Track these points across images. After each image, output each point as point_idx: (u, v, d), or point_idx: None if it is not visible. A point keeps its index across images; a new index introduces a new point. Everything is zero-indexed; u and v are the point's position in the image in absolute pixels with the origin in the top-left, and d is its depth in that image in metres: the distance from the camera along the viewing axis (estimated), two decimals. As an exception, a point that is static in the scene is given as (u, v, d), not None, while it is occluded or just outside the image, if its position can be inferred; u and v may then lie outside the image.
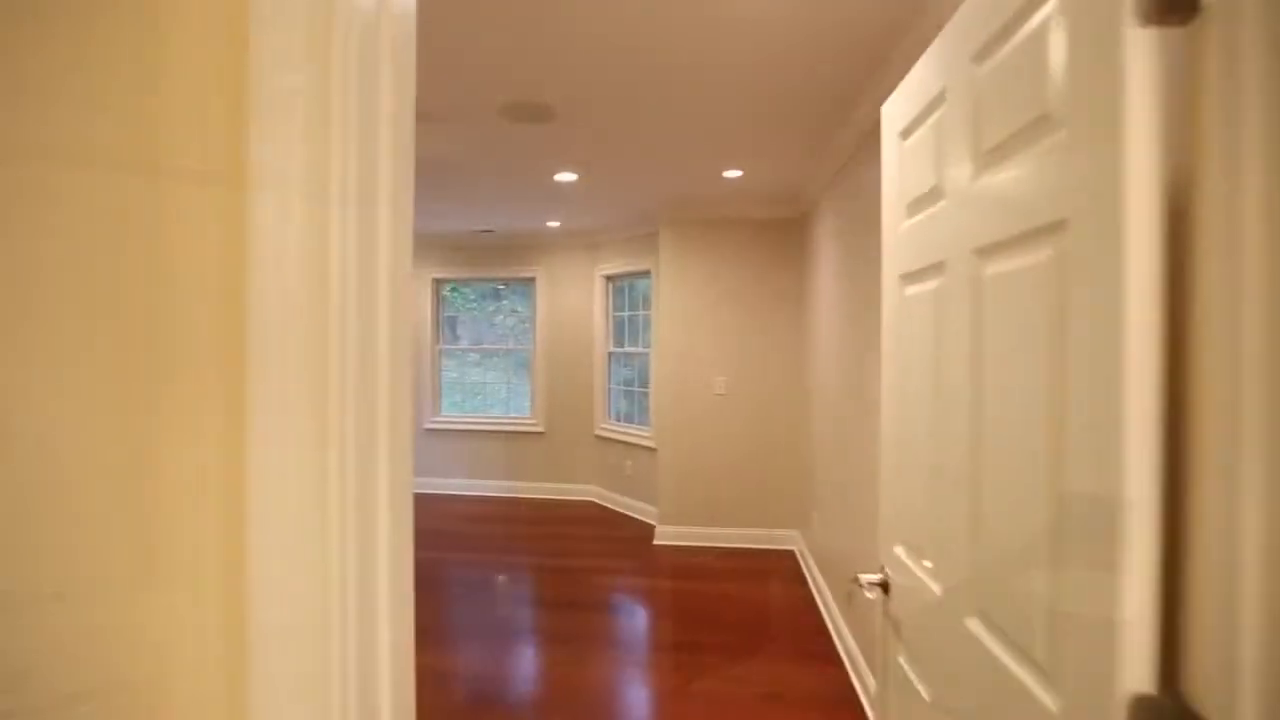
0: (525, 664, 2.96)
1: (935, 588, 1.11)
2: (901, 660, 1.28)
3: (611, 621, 3.38)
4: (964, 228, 1.01)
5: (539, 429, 5.88)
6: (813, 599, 3.59)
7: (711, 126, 2.86)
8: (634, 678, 2.83)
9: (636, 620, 3.44)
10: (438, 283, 6.09)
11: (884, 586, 1.35)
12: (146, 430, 0.59)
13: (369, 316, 0.61)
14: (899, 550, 1.31)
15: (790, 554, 4.32)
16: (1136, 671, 0.61)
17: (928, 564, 1.18)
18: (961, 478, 1.00)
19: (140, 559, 0.59)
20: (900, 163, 1.34)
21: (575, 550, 4.44)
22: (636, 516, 5.18)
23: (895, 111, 1.37)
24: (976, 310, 0.96)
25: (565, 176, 3.71)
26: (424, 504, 5.58)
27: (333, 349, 0.57)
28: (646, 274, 5.20)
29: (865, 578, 1.37)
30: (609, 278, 5.62)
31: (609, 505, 5.54)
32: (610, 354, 5.64)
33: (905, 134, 1.30)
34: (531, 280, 5.94)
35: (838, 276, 3.23)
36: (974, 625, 0.95)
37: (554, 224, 5.27)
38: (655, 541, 4.55)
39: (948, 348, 1.07)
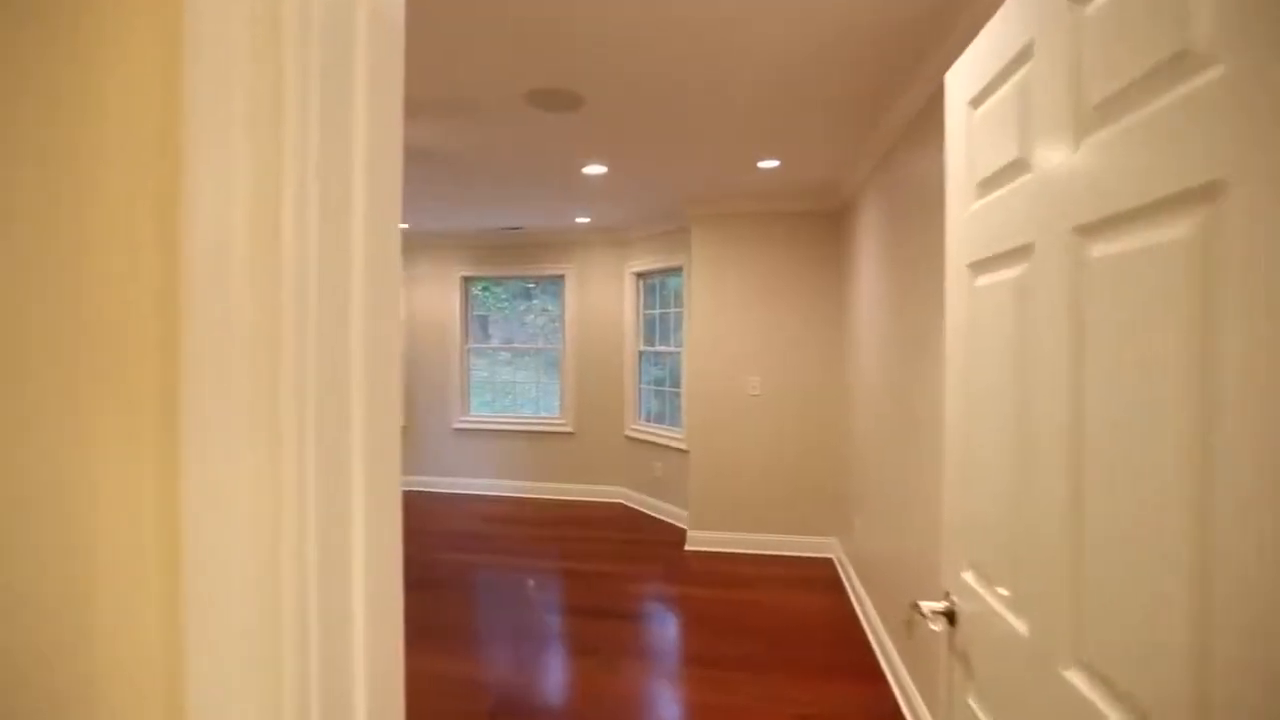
0: (550, 673, 2.85)
1: (1018, 624, 0.95)
2: (971, 702, 1.12)
3: (640, 630, 3.26)
4: (1059, 203, 0.85)
5: (568, 429, 5.79)
6: (853, 610, 3.41)
7: (748, 113, 2.71)
8: (662, 691, 2.70)
9: (666, 629, 3.31)
10: (466, 281, 6.05)
11: (949, 616, 1.20)
12: (59, 438, 0.48)
13: (337, 306, 0.49)
14: (968, 576, 1.15)
15: (828, 561, 4.14)
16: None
17: (1003, 591, 1.03)
18: (1056, 498, 0.85)
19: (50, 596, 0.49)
20: (969, 136, 1.18)
21: (603, 554, 4.33)
22: (667, 520, 5.05)
23: (963, 78, 1.21)
24: (1076, 299, 0.81)
25: (594, 169, 3.59)
26: (451, 504, 5.54)
27: (287, 342, 0.45)
28: (678, 271, 5.06)
29: (928, 605, 1.21)
30: (639, 275, 5.50)
31: (638, 508, 5.42)
32: (641, 353, 5.52)
33: (976, 102, 1.14)
34: (561, 278, 5.85)
35: (881, 270, 3.04)
36: (1075, 678, 0.79)
37: (583, 220, 5.16)
38: (686, 547, 4.41)
39: (1035, 344, 0.91)
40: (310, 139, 0.47)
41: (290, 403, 0.45)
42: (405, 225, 5.45)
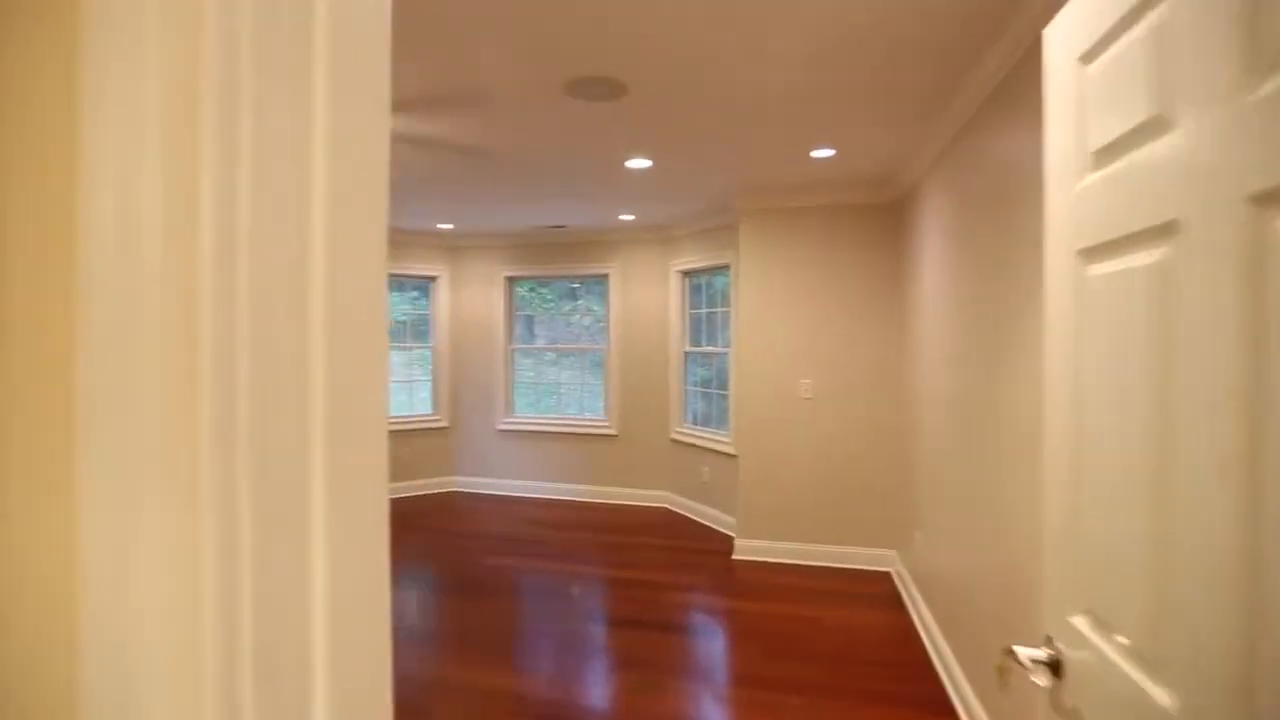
0: (591, 689, 2.74)
1: (1157, 692, 0.77)
2: (1085, 774, 0.94)
3: (685, 645, 3.11)
4: (1224, 167, 0.67)
5: (612, 431, 5.68)
6: (915, 630, 3.17)
7: (803, 98, 2.53)
8: (708, 714, 2.54)
9: (713, 645, 3.15)
10: (510, 280, 6.02)
11: (1054, 667, 1.01)
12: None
13: (284, 306, 0.37)
14: (1079, 621, 0.96)
15: (886, 576, 3.90)
16: None
17: (1123, 640, 0.85)
18: (1221, 536, 0.66)
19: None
20: (1078, 99, 1.00)
21: (647, 561, 4.19)
22: (714, 527, 4.88)
23: (1069, 31, 1.02)
24: (1252, 287, 0.63)
25: (638, 163, 3.47)
26: (495, 506, 5.51)
27: (205, 347, 0.33)
28: (725, 269, 4.89)
29: (1027, 653, 1.03)
30: (685, 273, 5.35)
31: (684, 513, 5.27)
32: (687, 354, 5.37)
33: (1090, 56, 0.96)
34: (605, 277, 5.75)
35: (949, 263, 2.81)
36: (1255, 781, 0.61)
37: (627, 217, 5.05)
38: (734, 556, 4.23)
39: (1185, 346, 0.73)
40: (242, 117, 0.35)
41: (211, 420, 0.33)
42: (449, 226, 5.45)
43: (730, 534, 4.64)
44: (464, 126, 2.90)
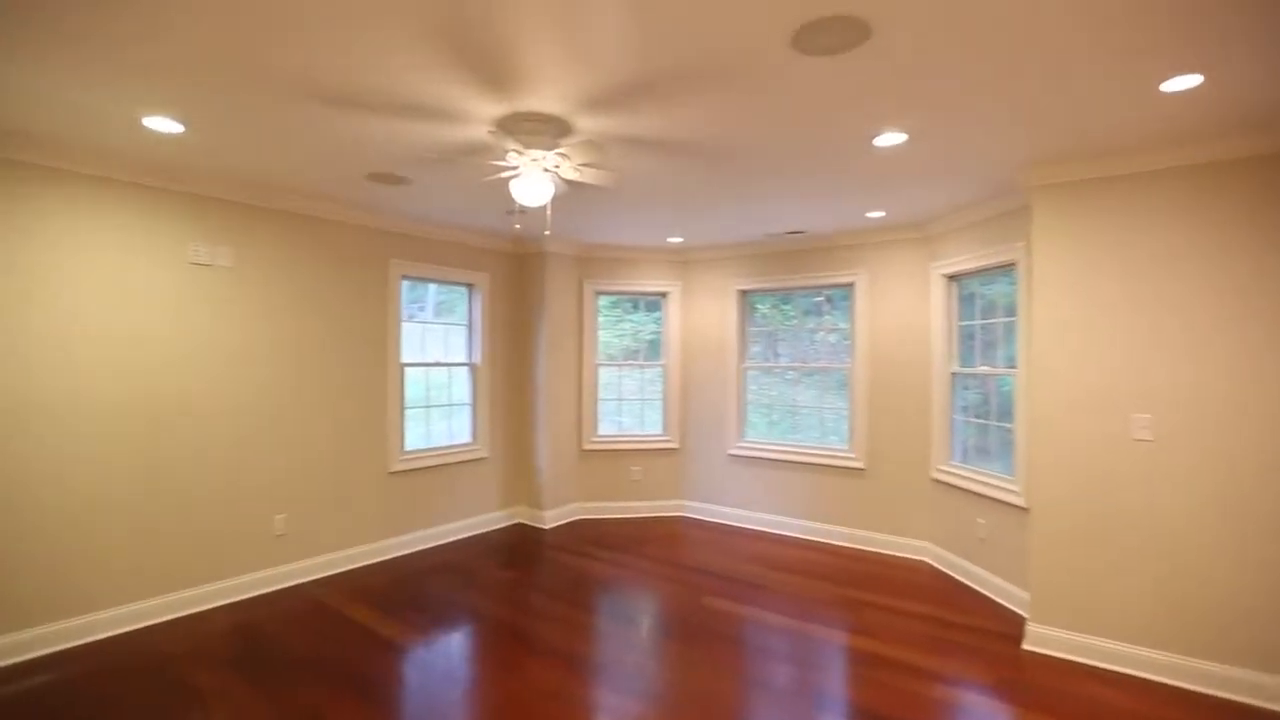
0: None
1: None
2: None
3: (958, 769, 2.30)
4: None
5: (858, 464, 4.88)
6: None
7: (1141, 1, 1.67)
8: None
9: (1001, 778, 2.28)
10: (743, 294, 5.60)
11: None
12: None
13: None
14: None
15: (1298, 720, 2.54)
16: None
17: None
18: None
19: None
20: None
21: (901, 632, 3.36)
22: (993, 597, 3.81)
23: None
24: None
25: (888, 139, 2.79)
26: (724, 538, 5.09)
27: None
28: (1008, 268, 3.84)
29: None
30: (951, 277, 4.38)
31: (951, 573, 4.25)
32: (954, 375, 4.37)
33: None
34: (849, 286, 5.01)
35: None
36: None
37: (875, 214, 4.29)
38: (1025, 645, 3.18)
39: None
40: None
41: None
42: (679, 239, 5.24)
43: (1018, 611, 3.56)
44: (682, 118, 2.57)
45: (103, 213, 3.23)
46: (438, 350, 5.11)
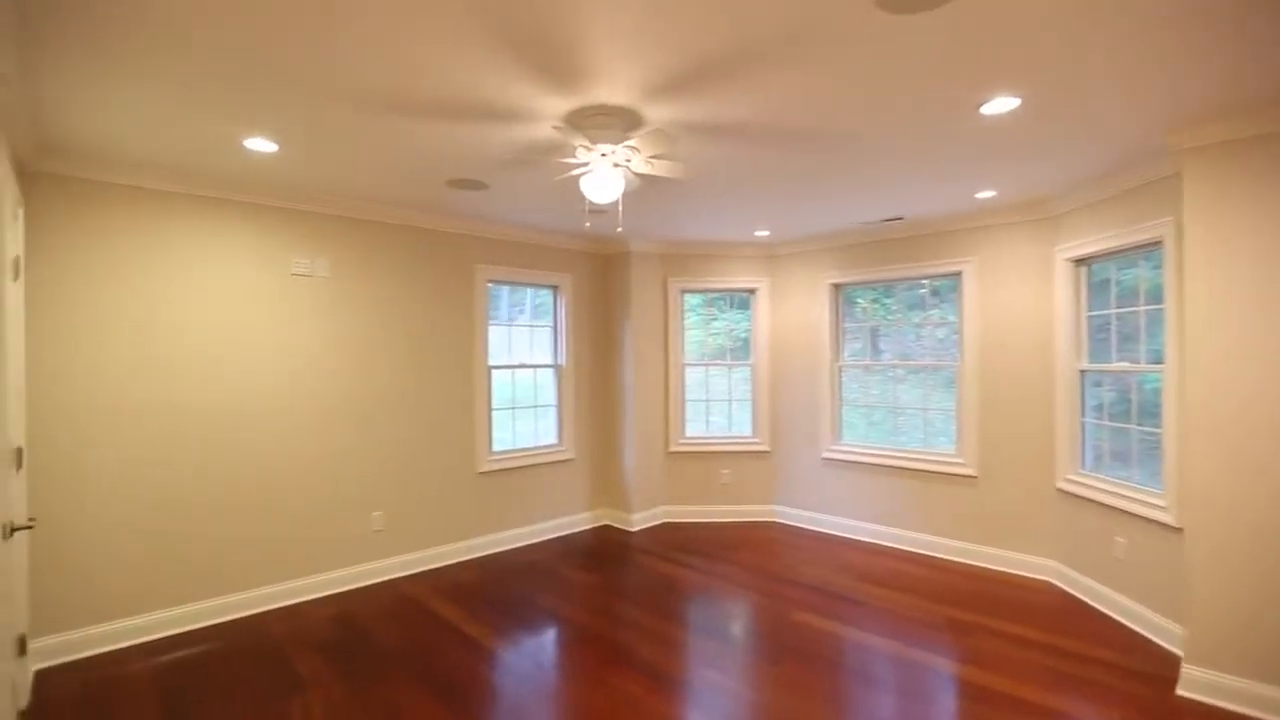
0: None
1: None
2: None
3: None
4: None
5: (969, 471, 4.43)
6: None
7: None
8: None
9: None
10: (836, 288, 5.26)
11: None
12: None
13: None
14: None
15: None
16: None
17: None
18: None
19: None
20: None
21: (1021, 666, 2.98)
22: (1134, 628, 3.31)
23: None
24: None
25: (999, 104, 2.46)
26: (819, 546, 4.80)
27: None
28: (1150, 248, 3.32)
29: None
30: (1079, 261, 3.86)
31: (1082, 597, 3.75)
32: (1083, 372, 3.86)
33: None
34: (956, 275, 4.57)
35: None
36: None
37: (986, 195, 3.86)
38: (1180, 691, 2.71)
39: None
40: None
41: None
42: (766, 232, 5.00)
43: (1167, 647, 3.07)
44: (760, 99, 2.38)
45: (222, 230, 3.49)
46: (524, 352, 5.17)
